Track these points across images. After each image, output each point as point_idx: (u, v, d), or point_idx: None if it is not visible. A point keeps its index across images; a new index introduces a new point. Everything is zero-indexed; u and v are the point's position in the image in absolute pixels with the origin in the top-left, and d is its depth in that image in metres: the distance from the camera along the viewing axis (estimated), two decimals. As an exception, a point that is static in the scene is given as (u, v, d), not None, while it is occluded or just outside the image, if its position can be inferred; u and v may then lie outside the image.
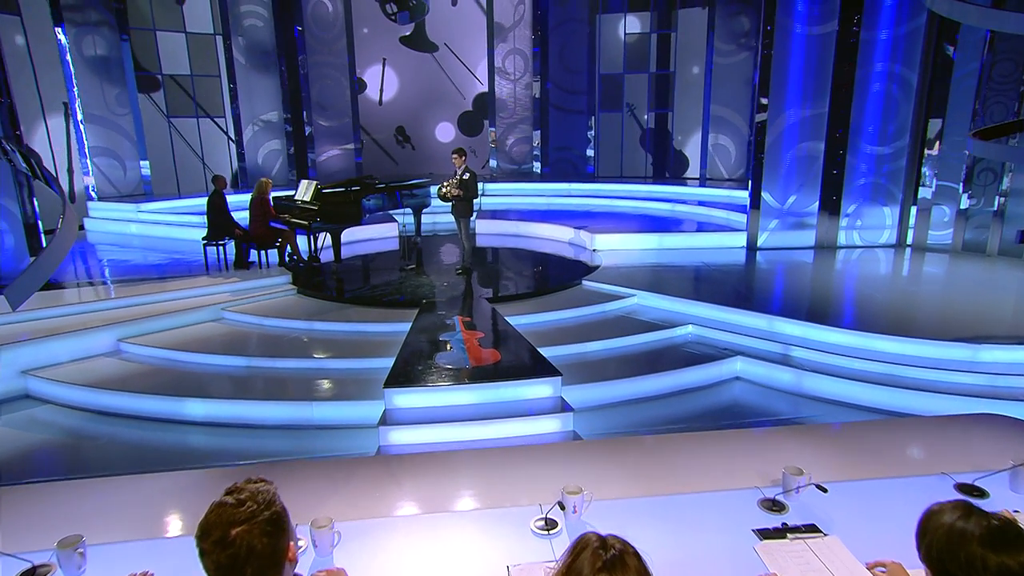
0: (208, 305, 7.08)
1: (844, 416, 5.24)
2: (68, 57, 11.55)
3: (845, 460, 2.96)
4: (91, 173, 12.10)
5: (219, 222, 8.46)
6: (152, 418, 5.30)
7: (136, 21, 12.52)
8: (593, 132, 15.17)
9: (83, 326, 6.28)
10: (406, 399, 5.00)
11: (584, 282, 7.88)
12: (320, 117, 14.67)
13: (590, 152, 15.23)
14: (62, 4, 11.39)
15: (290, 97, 14.15)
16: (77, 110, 11.77)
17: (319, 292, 7.66)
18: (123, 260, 9.41)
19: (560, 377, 5.16)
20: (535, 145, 15.61)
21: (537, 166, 15.53)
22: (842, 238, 9.41)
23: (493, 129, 15.63)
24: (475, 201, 8.28)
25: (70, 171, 11.40)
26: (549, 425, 4.84)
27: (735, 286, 7.73)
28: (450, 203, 8.16)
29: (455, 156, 7.98)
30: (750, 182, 9.30)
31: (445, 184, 8.12)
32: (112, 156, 12.51)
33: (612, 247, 9.50)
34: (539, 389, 5.12)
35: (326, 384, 5.56)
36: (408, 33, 15.21)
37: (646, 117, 14.90)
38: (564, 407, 4.99)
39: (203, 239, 8.52)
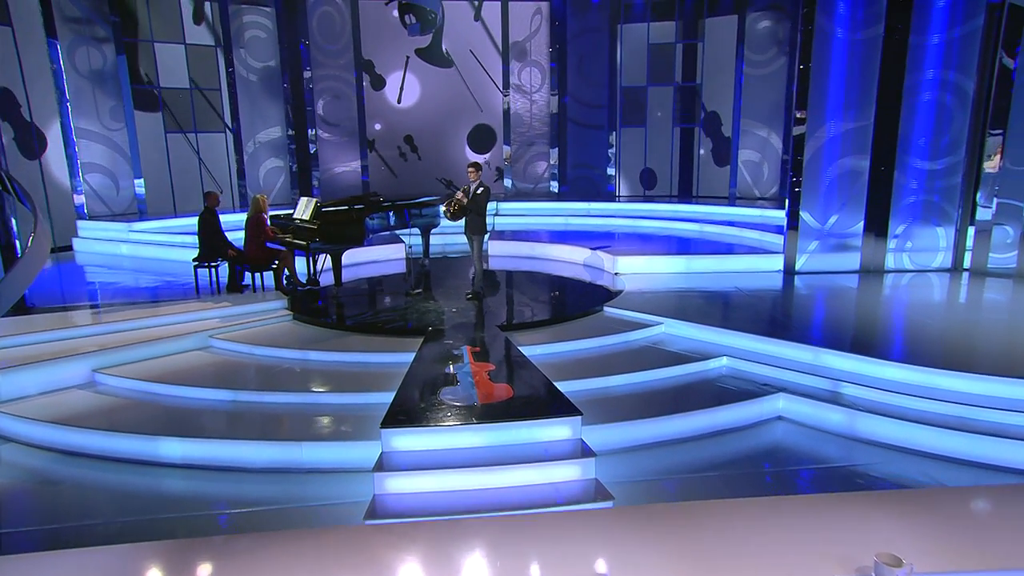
0: (195, 332, 6.84)
1: (907, 465, 4.80)
2: (62, 67, 11.58)
3: (950, 542, 2.48)
4: (82, 191, 12.07)
5: (211, 242, 8.27)
6: (125, 459, 4.98)
7: (133, 32, 12.54)
8: (614, 148, 14.97)
9: (55, 355, 6.03)
10: (406, 441, 4.64)
11: (606, 309, 7.61)
12: (326, 132, 14.62)
13: (611, 171, 15.04)
14: (55, 14, 11.41)
15: (294, 112, 14.15)
16: (71, 124, 11.75)
17: (317, 318, 7.43)
18: (110, 283, 9.24)
19: (580, 417, 4.78)
20: (552, 163, 15.52)
21: (554, 185, 15.44)
22: (890, 261, 8.99)
23: (508, 148, 15.48)
24: (488, 220, 7.98)
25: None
26: (568, 472, 4.46)
27: (773, 314, 7.39)
28: (460, 221, 7.91)
29: (471, 170, 7.79)
30: (787, 200, 8.94)
31: (450, 201, 7.81)
32: (105, 173, 12.49)
33: (636, 270, 9.25)
34: (557, 430, 4.75)
35: (319, 421, 5.23)
36: (424, 46, 15.18)
37: (671, 131, 14.62)
38: (584, 450, 4.60)
39: (194, 260, 8.34)
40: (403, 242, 10.52)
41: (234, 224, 9.60)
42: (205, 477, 4.81)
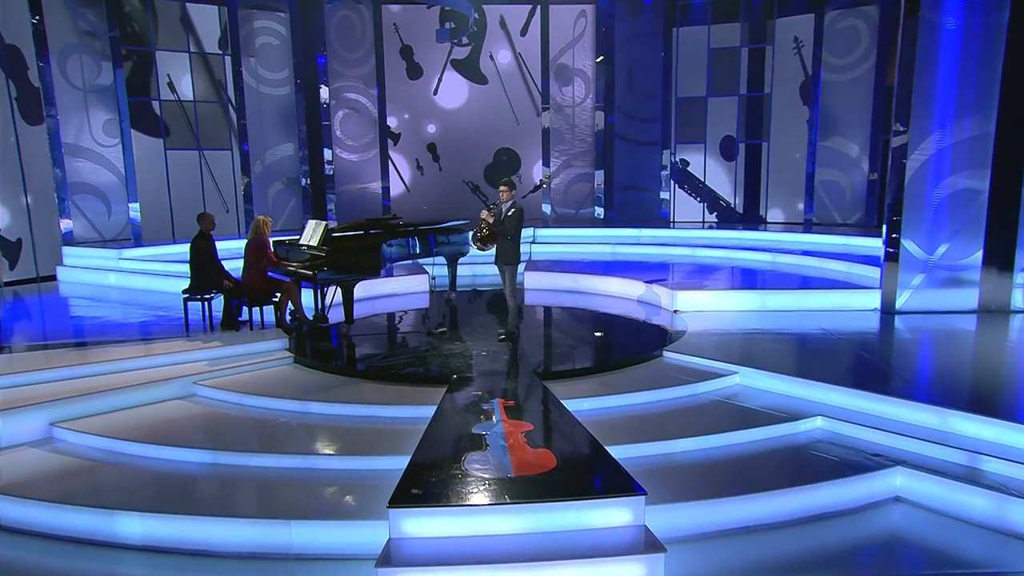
0: (178, 377, 6.41)
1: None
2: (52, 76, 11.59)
3: None
4: (70, 214, 11.98)
5: (204, 271, 7.95)
6: (76, 539, 4.44)
7: (133, 39, 12.52)
8: (668, 169, 14.54)
9: (6, 405, 5.60)
10: (420, 524, 4.02)
11: (666, 354, 7.05)
12: (342, 150, 14.51)
13: (664, 195, 14.58)
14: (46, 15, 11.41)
15: (308, 127, 14.08)
16: (60, 140, 11.74)
17: (322, 361, 7.00)
18: (92, 317, 9.00)
19: (643, 497, 4.10)
20: (597, 185, 15.21)
21: (599, 210, 15.18)
22: (1019, 299, 8.18)
23: (547, 170, 15.21)
24: (523, 249, 7.53)
25: None
26: (630, 571, 3.77)
27: (875, 362, 6.72)
28: (488, 248, 7.49)
29: (503, 188, 7.38)
30: (884, 227, 8.27)
31: (481, 226, 7.37)
32: (95, 194, 12.42)
33: (700, 308, 8.75)
34: (614, 513, 4.08)
35: (316, 493, 4.68)
36: (462, 58, 15.05)
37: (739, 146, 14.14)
38: (650, 541, 3.92)
39: (184, 292, 8.04)
40: (426, 273, 10.24)
41: (235, 252, 9.37)
42: (170, 564, 4.25)
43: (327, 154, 14.20)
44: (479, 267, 10.67)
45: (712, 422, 5.59)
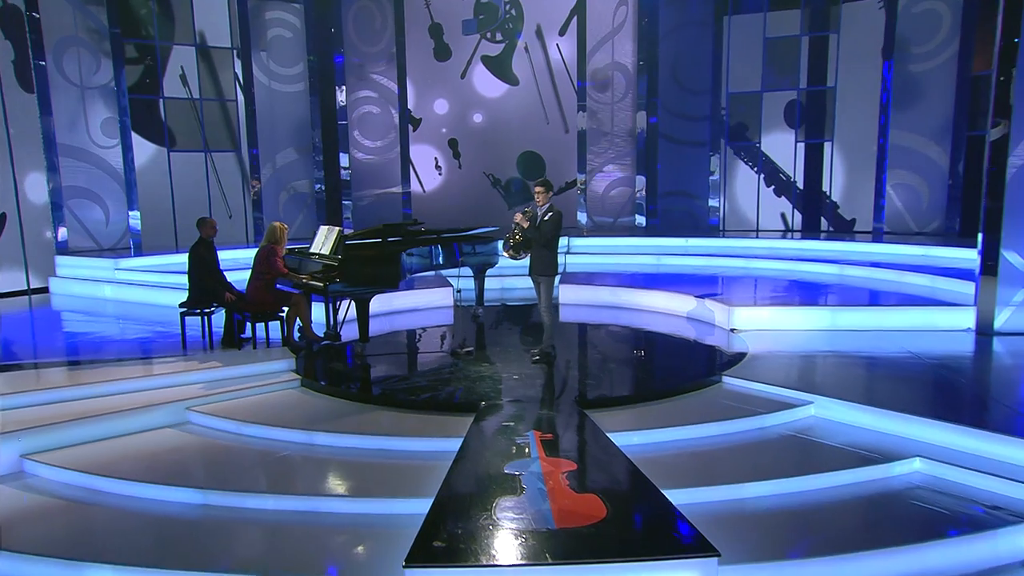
0: (170, 402, 6.11)
1: None
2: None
3: None
4: (64, 221, 11.87)
5: (204, 282, 7.68)
6: (39, 593, 4.05)
7: (134, 32, 12.42)
8: (718, 173, 14.17)
9: (-25, 433, 5.26)
10: (443, 588, 3.54)
11: (725, 379, 6.61)
12: (360, 152, 14.38)
13: (714, 202, 14.30)
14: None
15: (323, 127, 13.90)
16: (55, 140, 11.65)
17: (332, 385, 6.71)
18: (82, 333, 8.81)
19: (716, 558, 3.59)
20: (638, 190, 14.85)
21: (640, 218, 14.84)
22: None
23: (582, 176, 14.92)
24: (559, 261, 7.32)
25: None
26: (699, 652, 3.26)
27: (979, 393, 6.21)
28: (521, 257, 7.20)
29: (538, 190, 7.05)
30: (980, 236, 7.74)
31: (514, 231, 7.07)
32: (92, 199, 12.27)
33: (760, 326, 8.31)
34: (678, 578, 3.57)
35: (319, 542, 4.27)
36: (494, 54, 14.88)
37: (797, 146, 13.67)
38: (723, 614, 3.40)
39: (181, 306, 7.79)
40: (450, 285, 9.99)
41: (242, 262, 9.22)
42: (147, 628, 3.81)
43: (343, 158, 14.03)
44: (509, 279, 10.46)
45: (787, 462, 5.13)
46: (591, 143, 14.90)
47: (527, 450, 5.04)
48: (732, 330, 8.25)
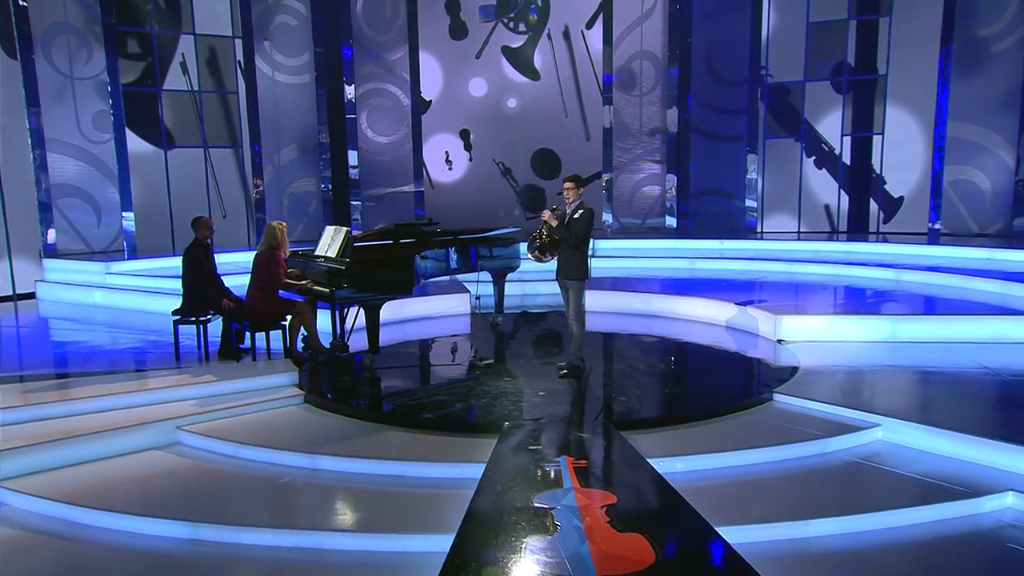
0: (159, 420, 5.85)
1: None
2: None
3: None
4: (53, 222, 11.79)
5: (200, 288, 7.47)
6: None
7: (129, 19, 12.35)
8: (756, 171, 13.93)
9: (-63, 457, 5.00)
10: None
11: (777, 397, 6.27)
12: (370, 148, 14.25)
13: (751, 202, 14.10)
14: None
15: (330, 122, 13.84)
16: (44, 135, 11.58)
17: (339, 401, 6.49)
18: (70, 343, 8.63)
19: (789, 615, 3.20)
20: (669, 189, 14.68)
21: (671, 220, 14.73)
22: None
23: (608, 175, 14.82)
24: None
25: None
26: None
27: None
28: (547, 260, 6.92)
29: (568, 185, 6.77)
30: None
31: (542, 231, 6.79)
32: (82, 198, 12.15)
33: (810, 336, 8.04)
34: (743, 637, 3.19)
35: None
36: (515, 45, 14.78)
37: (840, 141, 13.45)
38: None
39: (175, 314, 7.59)
40: (468, 291, 9.79)
41: (242, 265, 9.16)
42: None
43: (351, 154, 13.92)
44: (529, 284, 10.34)
45: (855, 494, 4.78)
46: (617, 139, 14.69)
47: (559, 478, 4.70)
48: (779, 341, 7.96)
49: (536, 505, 4.32)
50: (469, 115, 14.95)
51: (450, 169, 15.04)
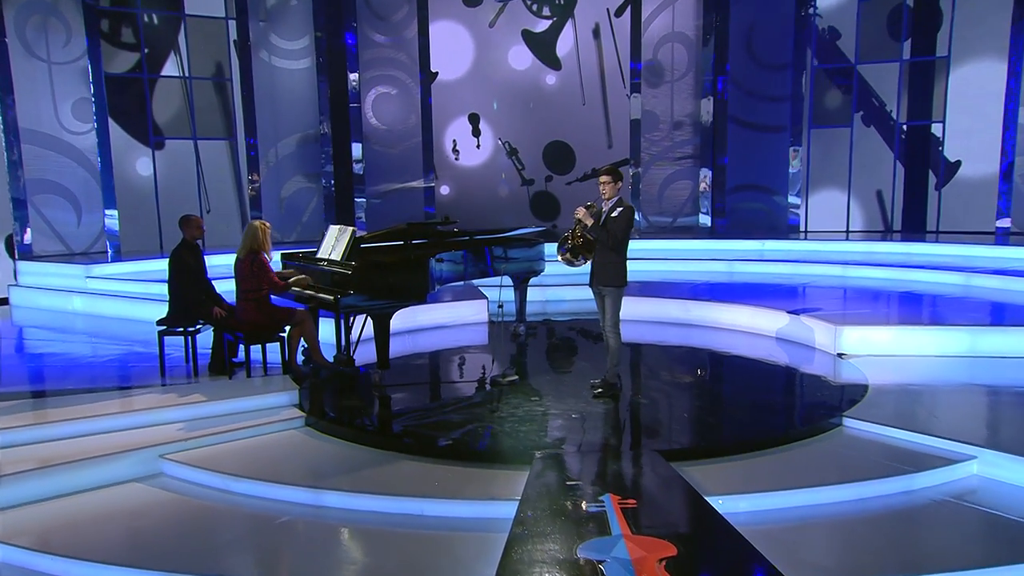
0: (139, 447, 5.55)
1: None
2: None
3: None
4: (28, 222, 11.80)
5: (188, 295, 7.32)
6: None
7: None
8: (799, 163, 13.72)
9: None
10: None
11: (847, 422, 5.92)
12: (376, 141, 14.19)
13: (795, 199, 14.05)
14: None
15: (333, 111, 13.81)
16: (17, 125, 11.59)
17: (345, 424, 6.25)
18: (43, 355, 8.54)
19: None
20: (703, 185, 14.60)
21: (705, 218, 14.70)
22: None
23: (634, 169, 14.80)
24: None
25: None
26: None
27: None
28: (579, 264, 6.62)
29: (605, 179, 6.47)
30: None
31: (575, 230, 6.49)
32: (61, 194, 12.14)
33: (876, 350, 7.75)
34: None
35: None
36: (537, 30, 14.83)
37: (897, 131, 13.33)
38: None
39: (160, 324, 7.42)
40: (484, 297, 9.71)
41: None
42: None
43: (356, 148, 13.84)
44: (551, 289, 10.27)
45: (953, 541, 4.38)
46: (645, 130, 14.63)
47: (606, 522, 4.28)
48: (839, 355, 7.67)
49: (581, 556, 3.90)
50: (480, 98, 14.95)
51: (456, 159, 15.06)
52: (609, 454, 5.42)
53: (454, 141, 14.96)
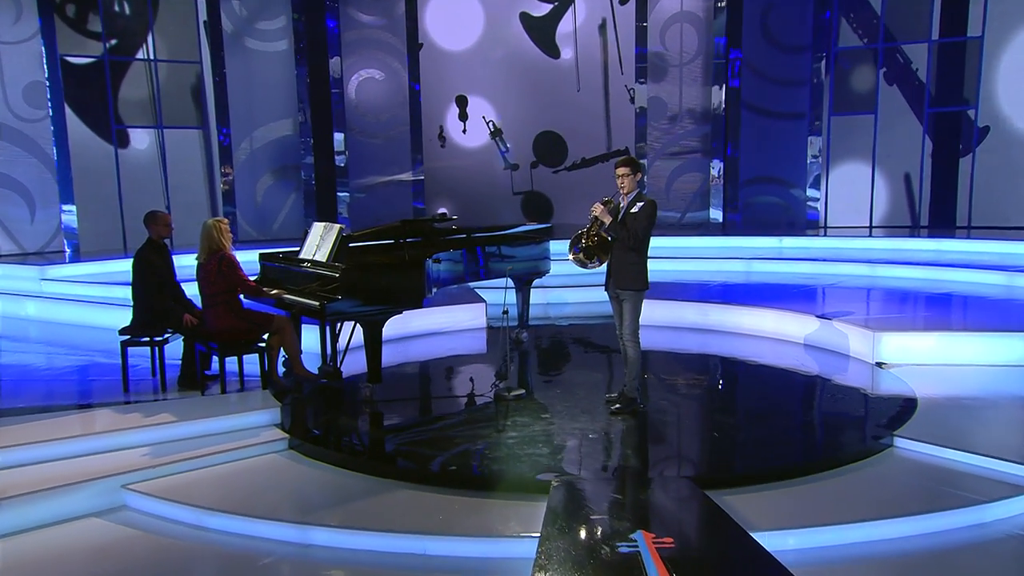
0: (99, 477, 5.27)
1: None
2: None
3: None
4: None
5: (155, 300, 7.06)
6: None
7: None
8: (819, 151, 13.75)
9: None
10: None
11: (898, 442, 5.66)
12: (360, 131, 14.12)
13: (814, 191, 14.11)
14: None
15: (312, 97, 13.73)
16: None
17: (333, 447, 6.02)
18: None
19: None
20: (713, 178, 14.57)
21: (716, 213, 14.75)
22: None
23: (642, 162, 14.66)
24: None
25: None
26: None
27: None
28: (593, 265, 6.43)
29: (622, 171, 6.24)
30: None
31: (585, 231, 6.31)
32: (12, 187, 12.02)
33: (918, 359, 7.60)
34: None
35: None
36: (538, 14, 14.94)
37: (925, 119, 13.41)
38: None
39: (123, 332, 7.16)
40: (483, 301, 9.65)
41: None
42: None
43: (338, 138, 13.82)
44: (553, 291, 10.24)
45: None
46: (652, 118, 14.62)
47: (639, 567, 3.94)
48: (879, 364, 7.49)
49: (615, 609, 3.58)
50: (470, 79, 14.99)
51: (442, 146, 15.11)
52: (636, 482, 5.14)
53: (440, 127, 15.00)
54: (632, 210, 6.15)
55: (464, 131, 15.08)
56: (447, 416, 6.91)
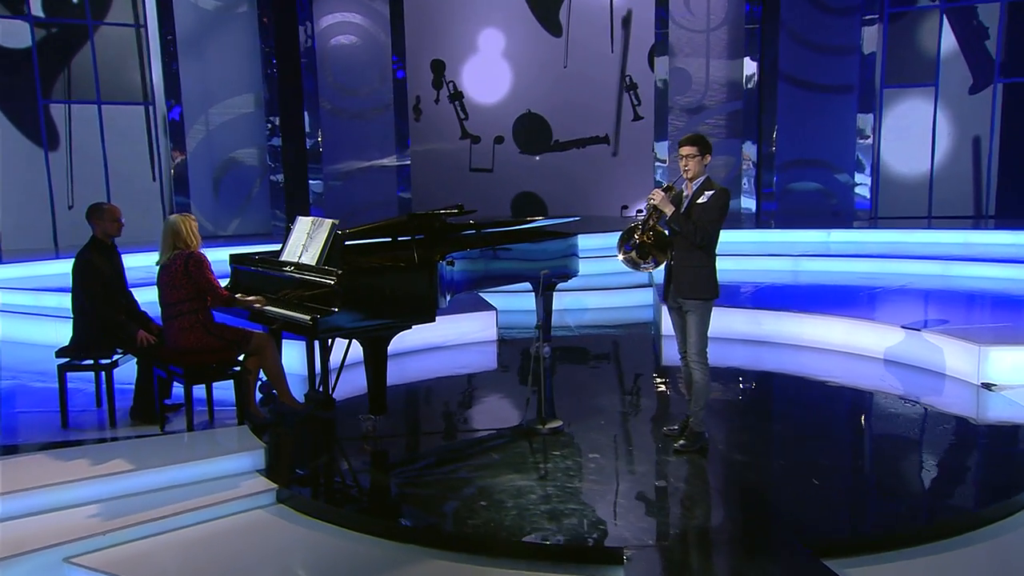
0: (33, 550, 4.68)
1: None
2: None
3: None
4: None
5: (102, 314, 6.57)
6: None
7: None
8: (871, 133, 13.70)
9: None
10: None
11: None
12: (338, 109, 13.90)
13: (861, 176, 14.03)
14: None
15: (279, 69, 13.49)
16: None
17: (330, 500, 5.58)
18: None
19: None
20: (746, 162, 14.49)
21: (748, 202, 14.70)
22: None
23: (661, 144, 14.78)
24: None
25: None
26: None
27: None
28: (647, 267, 6.18)
29: (687, 151, 5.89)
30: None
31: (648, 220, 5.96)
32: None
33: None
34: None
35: None
36: None
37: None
38: None
39: (61, 354, 6.68)
40: (492, 308, 9.62)
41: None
42: None
43: (309, 117, 13.78)
44: (569, 295, 10.11)
45: None
46: (675, 91, 14.52)
47: None
48: (985, 386, 7.11)
49: None
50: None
51: (417, 120, 15.24)
52: (732, 549, 4.62)
53: (417, 98, 15.11)
54: (699, 200, 5.80)
55: (436, 100, 15.31)
56: (470, 456, 6.38)
